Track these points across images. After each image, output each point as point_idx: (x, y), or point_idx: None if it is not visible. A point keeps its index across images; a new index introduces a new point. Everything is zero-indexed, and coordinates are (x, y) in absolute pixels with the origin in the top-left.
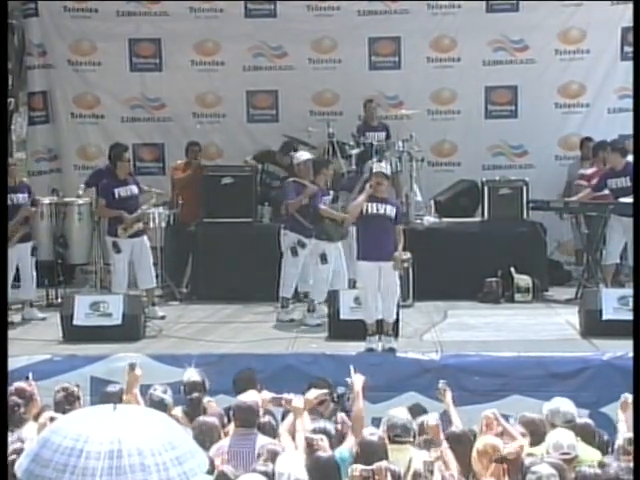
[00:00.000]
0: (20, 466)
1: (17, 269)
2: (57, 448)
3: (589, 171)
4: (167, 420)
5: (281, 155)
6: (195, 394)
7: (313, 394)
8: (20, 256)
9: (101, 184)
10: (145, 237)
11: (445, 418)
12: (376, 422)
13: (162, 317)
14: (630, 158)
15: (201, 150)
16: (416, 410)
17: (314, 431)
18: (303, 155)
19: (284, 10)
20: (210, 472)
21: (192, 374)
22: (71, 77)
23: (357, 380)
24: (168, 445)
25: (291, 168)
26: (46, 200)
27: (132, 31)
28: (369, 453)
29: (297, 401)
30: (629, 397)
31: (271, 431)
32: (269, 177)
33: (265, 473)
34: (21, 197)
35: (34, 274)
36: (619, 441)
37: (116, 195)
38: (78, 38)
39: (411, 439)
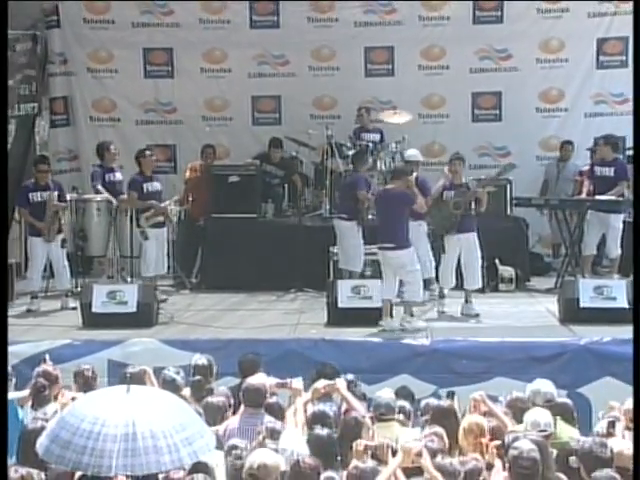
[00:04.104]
0: (41, 446)
1: (49, 261)
2: (76, 431)
3: (586, 168)
4: (178, 402)
5: (270, 152)
6: (197, 377)
7: (321, 384)
8: (51, 249)
9: (130, 179)
10: (165, 229)
11: None
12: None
13: (164, 300)
14: (620, 155)
15: (215, 152)
16: (402, 393)
17: (313, 414)
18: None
19: (286, 21)
20: (219, 448)
21: (199, 358)
22: (90, 83)
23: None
24: (179, 427)
25: (281, 163)
26: (67, 197)
27: (146, 40)
28: (345, 432)
29: (296, 383)
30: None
31: (278, 411)
32: (268, 176)
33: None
34: (53, 195)
35: (66, 264)
36: (599, 428)
37: (144, 189)
38: (96, 47)
39: (395, 417)
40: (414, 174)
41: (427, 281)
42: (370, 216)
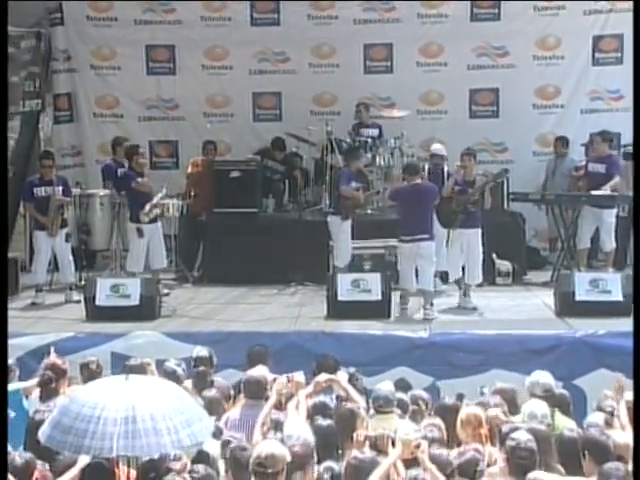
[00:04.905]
0: (43, 433)
1: (53, 254)
2: (77, 416)
3: (582, 163)
4: (176, 388)
5: (272, 151)
6: (202, 367)
7: (323, 377)
8: (55, 243)
9: (121, 174)
10: (159, 223)
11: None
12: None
13: (167, 294)
14: (614, 152)
15: (216, 148)
16: (401, 385)
17: (314, 405)
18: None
19: (287, 19)
20: (217, 437)
21: (200, 350)
22: (93, 80)
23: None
24: (177, 410)
25: (282, 159)
26: (72, 191)
27: (148, 38)
28: (340, 422)
29: (298, 376)
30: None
31: (278, 403)
32: (269, 171)
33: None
34: (56, 190)
35: (71, 259)
36: (594, 418)
37: (132, 185)
38: (99, 44)
39: (394, 409)
40: (445, 168)
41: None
42: (369, 210)
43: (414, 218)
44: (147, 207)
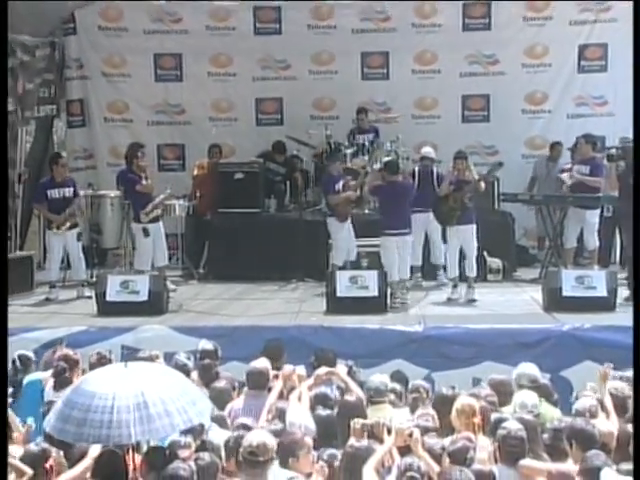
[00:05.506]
0: (54, 428)
1: (66, 253)
2: (88, 408)
3: (568, 166)
4: (174, 372)
5: (274, 153)
6: (207, 360)
7: (323, 370)
8: (67, 242)
9: (127, 178)
10: (161, 223)
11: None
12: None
13: (174, 290)
14: (598, 154)
15: (221, 151)
16: (397, 377)
17: (316, 396)
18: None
19: (288, 28)
20: (225, 427)
21: (206, 343)
22: (104, 87)
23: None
24: (181, 391)
25: (283, 161)
26: (81, 193)
27: (157, 47)
28: (345, 412)
29: (300, 370)
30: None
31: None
32: (271, 173)
33: (274, 431)
34: (67, 190)
35: (82, 257)
36: (581, 405)
37: (137, 188)
38: (110, 53)
39: (386, 399)
40: (434, 169)
41: (436, 266)
42: (366, 210)
43: (397, 214)
44: (149, 207)
